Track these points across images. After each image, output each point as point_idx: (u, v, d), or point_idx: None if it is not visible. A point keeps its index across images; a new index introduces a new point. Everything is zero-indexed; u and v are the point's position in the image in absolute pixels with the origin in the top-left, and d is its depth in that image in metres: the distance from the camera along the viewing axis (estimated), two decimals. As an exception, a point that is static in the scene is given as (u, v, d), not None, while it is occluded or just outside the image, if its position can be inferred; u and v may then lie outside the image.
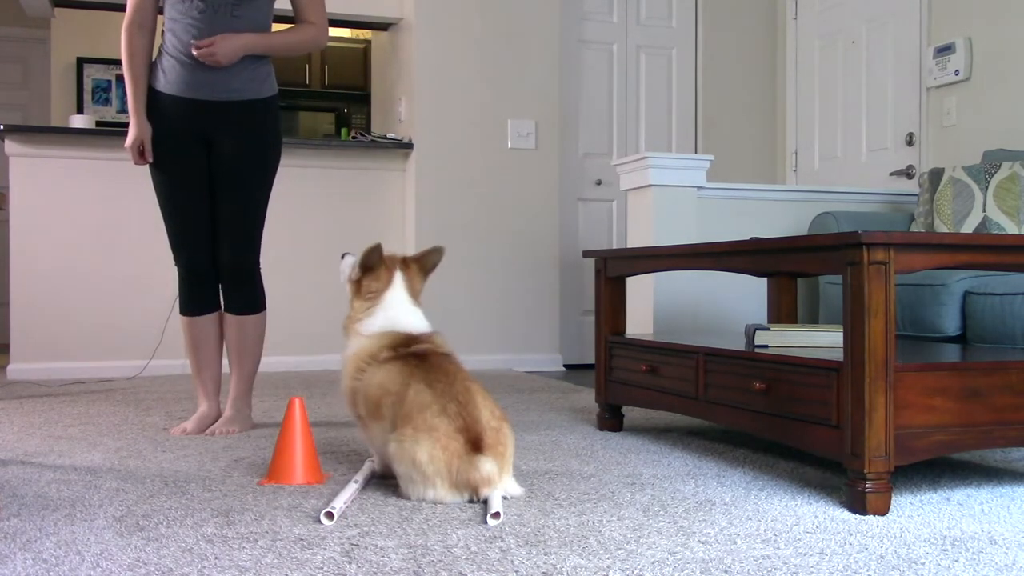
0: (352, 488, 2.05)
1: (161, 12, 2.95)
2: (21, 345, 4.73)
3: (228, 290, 3.02)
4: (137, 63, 2.91)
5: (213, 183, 2.98)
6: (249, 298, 3.02)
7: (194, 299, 3.02)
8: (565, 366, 5.52)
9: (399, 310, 2.25)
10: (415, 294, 2.31)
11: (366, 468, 2.23)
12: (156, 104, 2.94)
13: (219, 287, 3.03)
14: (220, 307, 3.05)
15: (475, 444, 1.95)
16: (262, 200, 3.03)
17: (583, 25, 5.70)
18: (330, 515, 1.84)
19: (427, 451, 1.94)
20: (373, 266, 2.25)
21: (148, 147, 2.92)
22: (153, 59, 2.97)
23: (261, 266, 3.07)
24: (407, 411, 2.00)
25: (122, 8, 2.98)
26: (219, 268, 2.99)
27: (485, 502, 1.93)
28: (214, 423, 2.99)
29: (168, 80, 2.92)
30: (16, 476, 2.27)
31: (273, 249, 4.92)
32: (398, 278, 2.27)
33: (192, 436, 2.88)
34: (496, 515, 1.83)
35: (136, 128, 2.91)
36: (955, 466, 2.45)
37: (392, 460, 2.02)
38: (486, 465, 1.94)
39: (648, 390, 2.78)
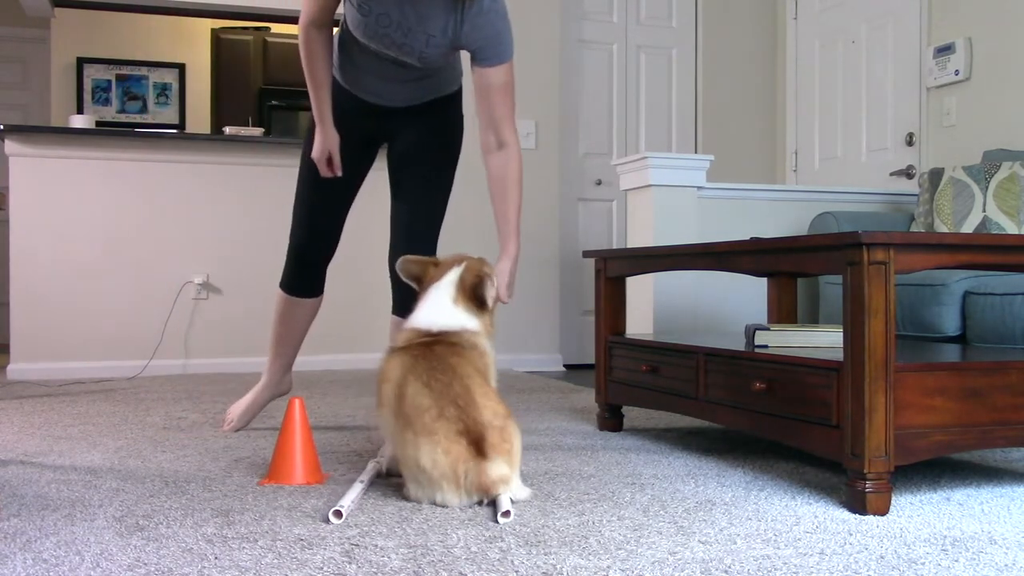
0: (359, 488, 2.05)
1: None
2: (21, 345, 4.74)
3: None
4: (318, 65, 2.60)
5: (398, 171, 2.83)
6: None
7: (302, 280, 2.90)
8: (565, 366, 5.52)
9: (430, 309, 2.20)
10: (464, 292, 2.20)
11: (370, 468, 2.23)
12: (333, 95, 2.71)
13: (324, 275, 2.94)
14: (322, 294, 2.96)
15: (479, 447, 1.91)
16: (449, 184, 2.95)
17: (583, 25, 5.70)
18: (339, 513, 1.83)
19: (429, 456, 1.91)
20: (413, 276, 2.28)
21: (337, 159, 2.67)
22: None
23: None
24: (407, 412, 1.98)
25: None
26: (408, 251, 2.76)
27: (494, 502, 1.92)
28: (276, 397, 3.02)
29: (352, 82, 2.71)
30: (16, 476, 2.27)
31: (272, 250, 4.93)
32: (451, 275, 2.21)
33: (192, 437, 2.88)
34: (507, 514, 1.83)
35: (323, 137, 2.65)
36: (955, 466, 2.45)
37: (398, 461, 2.03)
38: (496, 469, 1.91)
39: (648, 390, 2.78)
